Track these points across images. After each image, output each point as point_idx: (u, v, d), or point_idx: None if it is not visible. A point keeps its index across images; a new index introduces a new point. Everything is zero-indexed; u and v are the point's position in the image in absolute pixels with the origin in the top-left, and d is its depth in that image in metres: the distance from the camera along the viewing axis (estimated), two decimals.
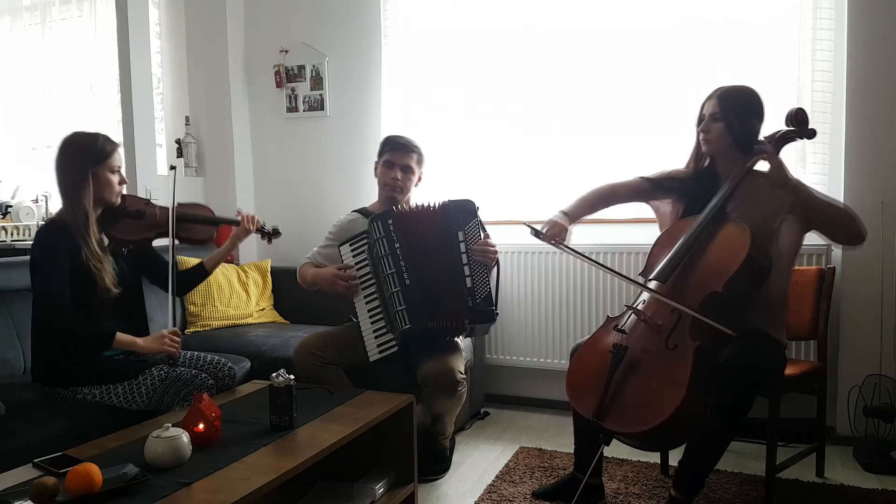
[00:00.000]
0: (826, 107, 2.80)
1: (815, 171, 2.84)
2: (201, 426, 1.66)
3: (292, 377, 1.83)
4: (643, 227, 2.88)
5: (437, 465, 2.57)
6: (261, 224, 2.50)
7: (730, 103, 2.11)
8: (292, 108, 3.80)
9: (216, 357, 2.38)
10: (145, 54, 3.43)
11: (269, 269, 3.60)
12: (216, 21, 3.77)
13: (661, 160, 2.97)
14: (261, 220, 2.50)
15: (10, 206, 3.85)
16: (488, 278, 2.43)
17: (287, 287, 3.51)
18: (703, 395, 1.87)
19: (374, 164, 2.72)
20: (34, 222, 3.80)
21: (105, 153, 2.16)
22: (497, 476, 2.52)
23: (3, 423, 1.95)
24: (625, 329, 2.05)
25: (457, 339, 2.61)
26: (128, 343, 2.14)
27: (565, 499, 2.23)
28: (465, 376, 2.44)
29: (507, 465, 2.62)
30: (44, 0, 4.21)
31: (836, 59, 2.77)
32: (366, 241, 2.52)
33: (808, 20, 2.80)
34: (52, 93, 4.23)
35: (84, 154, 2.14)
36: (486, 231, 2.51)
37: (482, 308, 2.39)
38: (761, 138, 2.13)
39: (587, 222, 3.19)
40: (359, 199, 3.30)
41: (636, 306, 2.10)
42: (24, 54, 4.30)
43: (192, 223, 2.39)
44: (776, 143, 2.13)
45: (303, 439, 1.75)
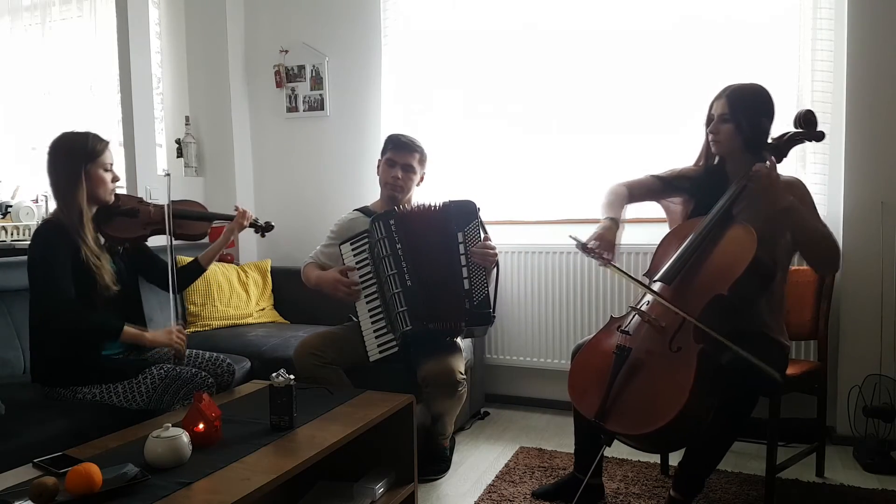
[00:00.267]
0: (826, 107, 2.79)
1: (815, 172, 2.84)
2: (201, 426, 1.66)
3: (292, 377, 1.83)
4: (646, 227, 2.88)
5: (437, 465, 2.57)
6: (254, 218, 2.51)
7: (739, 103, 2.09)
8: (292, 108, 3.80)
9: (214, 354, 2.38)
10: (145, 54, 3.43)
11: (269, 269, 3.60)
12: (216, 21, 3.77)
13: (661, 160, 2.96)
14: (253, 214, 2.52)
15: (10, 206, 3.84)
16: (487, 280, 2.43)
17: (287, 287, 3.52)
18: (707, 398, 1.86)
19: (378, 162, 2.72)
20: (34, 222, 3.80)
21: (96, 151, 2.15)
22: (497, 476, 2.52)
23: (3, 423, 1.95)
24: (628, 330, 2.05)
25: (457, 339, 2.61)
26: (135, 336, 2.14)
27: (565, 499, 2.23)
28: (465, 376, 2.44)
29: (507, 465, 2.62)
30: (44, 0, 4.21)
31: (836, 59, 2.77)
32: (366, 240, 2.52)
33: (808, 20, 2.80)
34: (52, 93, 4.23)
35: (76, 153, 2.13)
36: (486, 232, 2.50)
37: (479, 310, 2.39)
38: (770, 140, 2.12)
39: (588, 222, 3.23)
40: (359, 198, 3.30)
41: (640, 307, 2.10)
42: (24, 54, 4.29)
43: (187, 220, 2.39)
44: (784, 145, 2.11)
45: (303, 439, 1.75)
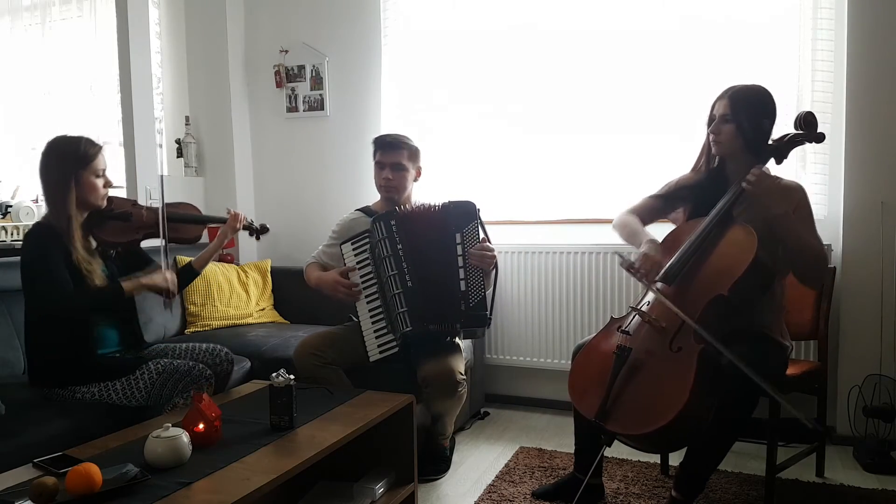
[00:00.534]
0: (826, 107, 2.79)
1: (816, 172, 2.84)
2: (201, 426, 1.66)
3: (292, 377, 1.83)
4: (647, 228, 2.88)
5: (437, 465, 2.57)
6: (248, 221, 2.50)
7: (741, 104, 2.08)
8: (292, 108, 3.80)
9: (211, 345, 2.38)
10: (145, 54, 3.43)
11: (269, 269, 3.60)
12: (216, 21, 3.77)
13: (660, 160, 2.99)
14: (247, 217, 2.51)
15: (10, 206, 3.84)
16: (484, 282, 2.42)
17: (287, 287, 3.52)
18: (707, 398, 1.86)
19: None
20: (34, 222, 3.79)
21: (88, 157, 2.14)
22: (497, 476, 2.52)
23: (3, 423, 1.95)
24: (629, 330, 2.05)
25: (457, 339, 2.61)
26: (135, 286, 2.18)
27: (565, 499, 2.23)
28: (465, 377, 2.44)
29: (507, 465, 2.62)
30: (44, 0, 4.20)
31: (836, 60, 2.77)
32: (367, 240, 2.52)
33: (808, 20, 2.80)
34: (52, 93, 4.22)
35: (67, 158, 2.13)
36: (486, 233, 2.49)
37: (474, 312, 2.39)
38: (770, 142, 2.11)
39: (588, 222, 3.24)
40: (359, 198, 3.29)
41: (640, 307, 2.10)
42: (24, 54, 4.29)
43: (181, 223, 2.38)
44: (784, 146, 2.10)
45: (303, 439, 1.75)
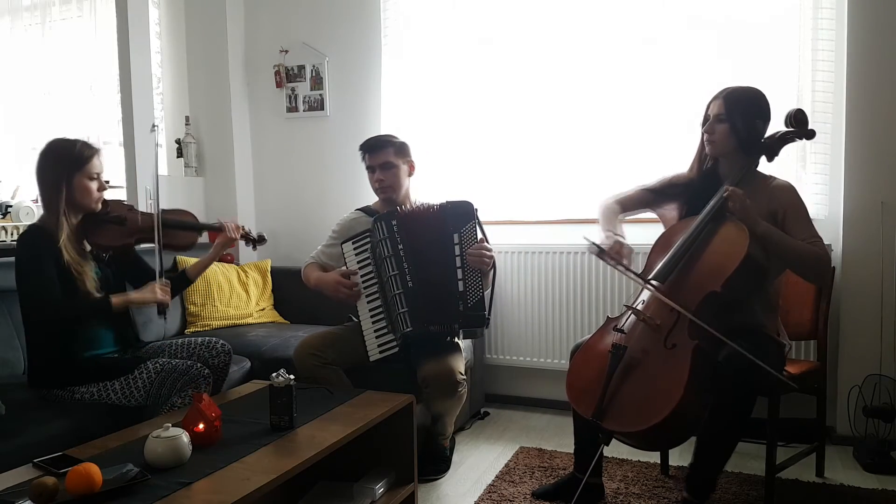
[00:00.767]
0: (826, 107, 2.80)
1: (816, 171, 2.84)
2: (201, 426, 1.66)
3: (292, 377, 1.83)
4: (645, 227, 2.87)
5: (437, 465, 2.57)
6: (245, 231, 2.50)
7: (735, 104, 2.10)
8: (292, 108, 3.80)
9: (207, 338, 2.38)
10: (145, 54, 3.43)
11: (269, 269, 3.60)
12: (216, 21, 3.77)
13: (660, 159, 2.98)
14: (245, 226, 2.50)
15: (10, 206, 3.84)
16: (482, 283, 2.42)
17: (287, 287, 3.52)
18: (702, 395, 1.87)
19: None
20: (33, 222, 3.79)
21: (83, 159, 2.15)
22: (497, 476, 2.52)
23: (3, 423, 1.95)
24: (624, 329, 2.05)
25: (457, 339, 2.61)
26: (123, 302, 2.17)
27: (565, 499, 2.23)
28: (465, 377, 2.44)
29: (507, 465, 2.62)
30: (44, 0, 4.21)
31: (836, 60, 2.77)
32: (368, 239, 2.52)
33: (808, 20, 2.80)
34: (52, 93, 4.22)
35: (61, 161, 2.13)
36: (485, 234, 2.48)
37: (473, 312, 2.39)
38: (763, 140, 2.13)
39: (587, 222, 3.24)
40: (359, 198, 3.29)
41: (635, 306, 2.10)
42: (24, 54, 4.29)
43: (175, 229, 2.37)
44: (776, 143, 2.13)
45: (303, 439, 1.75)
